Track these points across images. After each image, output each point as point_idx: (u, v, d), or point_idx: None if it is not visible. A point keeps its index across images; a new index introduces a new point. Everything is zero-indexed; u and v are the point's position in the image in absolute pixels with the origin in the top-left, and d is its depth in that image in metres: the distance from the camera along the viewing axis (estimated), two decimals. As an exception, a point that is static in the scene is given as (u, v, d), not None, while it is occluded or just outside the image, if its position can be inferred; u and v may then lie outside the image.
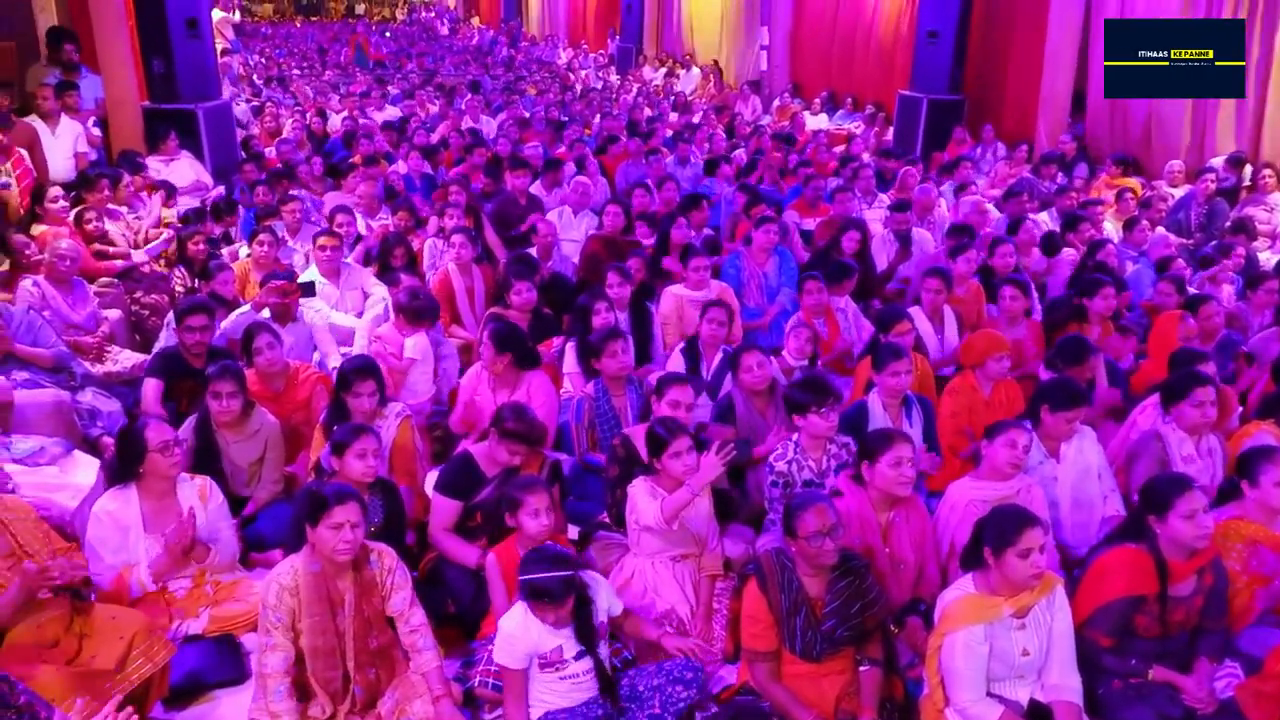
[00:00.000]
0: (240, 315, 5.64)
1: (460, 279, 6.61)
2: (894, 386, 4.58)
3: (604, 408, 4.86)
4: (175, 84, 9.56)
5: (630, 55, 21.16)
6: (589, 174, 9.18)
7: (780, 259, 6.95)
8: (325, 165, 9.93)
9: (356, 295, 6.53)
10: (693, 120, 13.89)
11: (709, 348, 5.43)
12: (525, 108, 14.27)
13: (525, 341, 5.13)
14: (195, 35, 9.58)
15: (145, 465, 3.77)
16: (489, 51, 24.07)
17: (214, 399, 4.42)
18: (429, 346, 5.47)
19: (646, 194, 8.34)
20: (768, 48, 17.23)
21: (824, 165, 10.54)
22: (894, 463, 3.68)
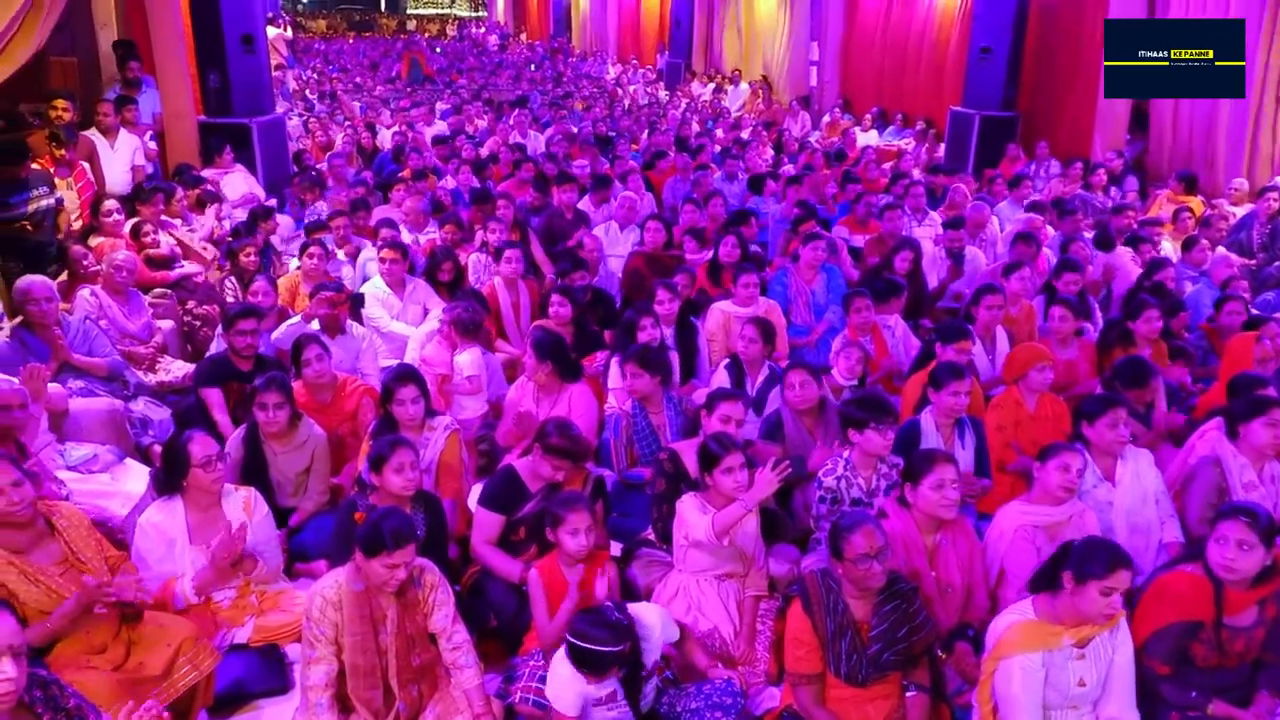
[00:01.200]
0: (290, 326, 5.74)
1: (506, 294, 6.66)
2: (951, 406, 4.53)
3: (641, 425, 4.86)
4: (230, 98, 9.77)
5: (679, 70, 21.24)
6: (634, 189, 9.22)
7: (828, 276, 6.91)
8: (375, 179, 10.10)
9: (418, 310, 6.61)
10: (741, 136, 13.89)
11: (750, 365, 5.41)
12: (573, 123, 14.37)
13: (566, 351, 5.15)
14: (250, 51, 9.79)
15: (189, 479, 3.82)
16: (539, 67, 24.29)
17: (260, 410, 4.50)
18: (482, 362, 5.51)
19: (695, 210, 8.35)
20: (818, 63, 17.21)
21: (874, 182, 10.48)
22: (936, 485, 3.64)
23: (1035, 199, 9.41)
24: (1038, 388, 4.86)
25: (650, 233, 7.47)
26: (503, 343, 6.56)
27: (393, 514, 3.30)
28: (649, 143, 12.75)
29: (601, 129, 13.78)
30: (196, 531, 3.86)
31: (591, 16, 28.60)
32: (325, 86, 18.70)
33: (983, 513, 4.47)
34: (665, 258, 7.38)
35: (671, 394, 4.97)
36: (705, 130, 14.43)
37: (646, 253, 7.44)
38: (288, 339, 5.47)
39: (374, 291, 6.52)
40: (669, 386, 5.01)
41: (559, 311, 5.93)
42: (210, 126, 9.77)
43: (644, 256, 7.42)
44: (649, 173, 10.63)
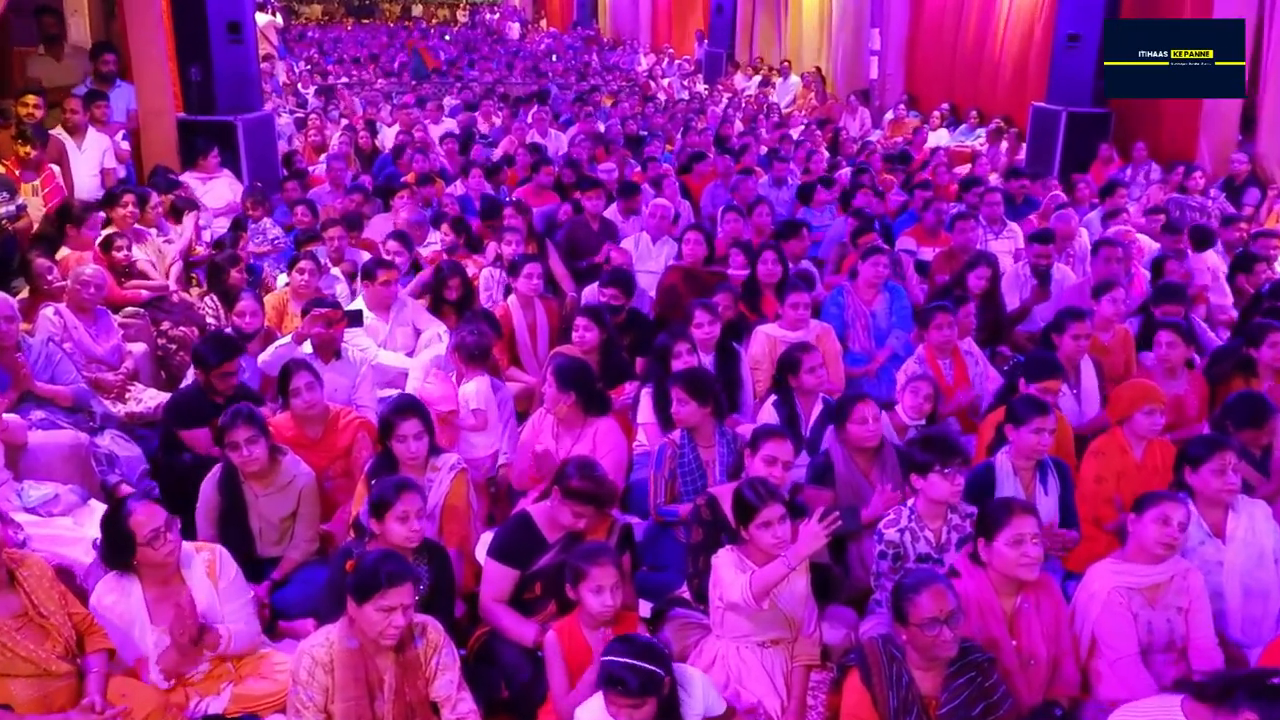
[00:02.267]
0: (279, 349, 5.78)
1: (522, 314, 6.69)
2: (1033, 446, 4.49)
3: (689, 459, 4.84)
4: (213, 93, 9.89)
5: (720, 62, 21.36)
6: (668, 195, 9.26)
7: (891, 296, 6.90)
8: (375, 184, 10.20)
9: (407, 332, 6.66)
10: (791, 135, 13.93)
11: (807, 397, 5.39)
12: (599, 121, 14.48)
13: (593, 380, 5.16)
14: (237, 40, 9.93)
15: (137, 556, 3.74)
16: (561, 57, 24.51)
17: (233, 451, 4.50)
18: (490, 393, 5.53)
19: (738, 219, 8.36)
20: (879, 53, 17.25)
21: (944, 188, 10.46)
22: (1014, 540, 3.61)
23: (1129, 207, 9.36)
24: (1146, 433, 4.77)
25: (689, 245, 7.48)
26: (516, 371, 6.59)
27: (389, 555, 3.32)
28: (685, 143, 12.82)
29: (632, 128, 13.87)
30: (157, 609, 3.77)
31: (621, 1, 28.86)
32: (320, 80, 18.98)
33: (1071, 571, 4.41)
34: (705, 275, 7.39)
35: (725, 428, 4.97)
36: (749, 129, 14.49)
37: (684, 268, 7.47)
38: (275, 364, 5.52)
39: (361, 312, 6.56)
40: (722, 419, 4.99)
41: (585, 336, 5.94)
42: (191, 125, 9.89)
43: (681, 273, 7.44)
44: (685, 177, 10.69)
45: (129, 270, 7.09)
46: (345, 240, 7.86)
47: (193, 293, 7.56)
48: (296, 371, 5.03)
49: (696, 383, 4.86)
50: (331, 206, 9.19)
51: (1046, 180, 10.50)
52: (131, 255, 7.13)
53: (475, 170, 10.14)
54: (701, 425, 4.87)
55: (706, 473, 4.82)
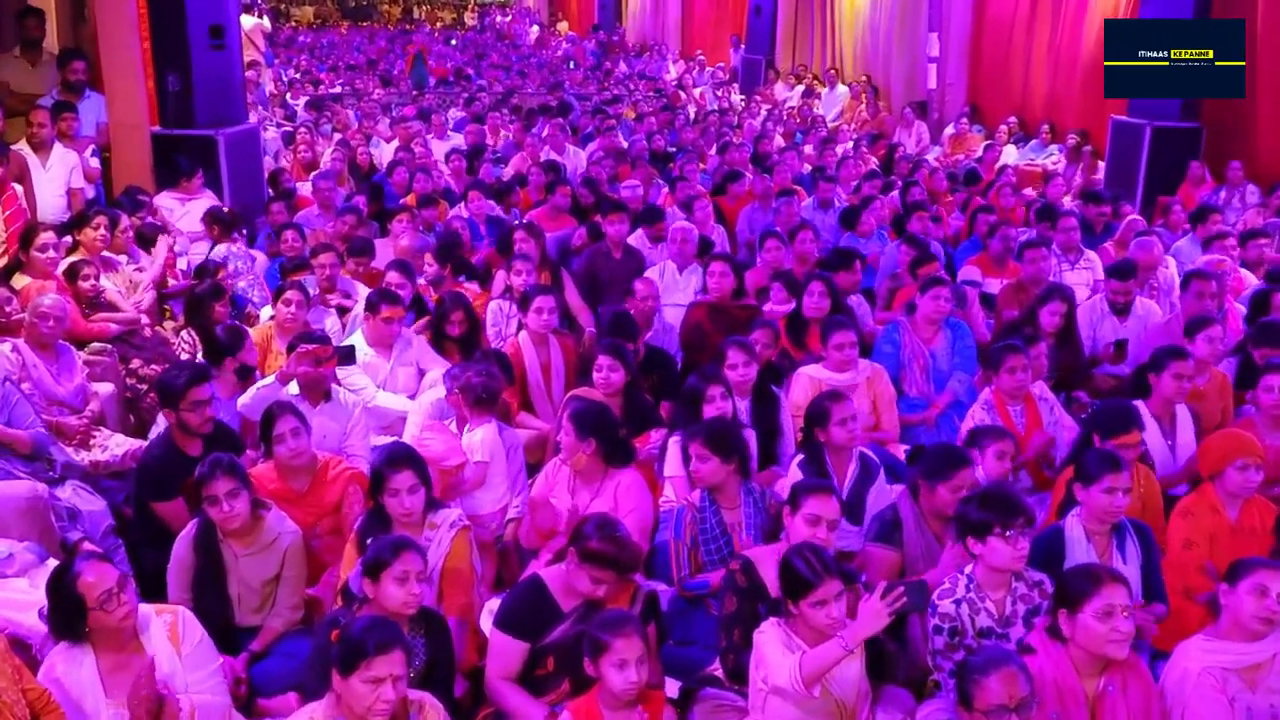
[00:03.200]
0: (261, 390, 5.80)
1: (534, 352, 6.71)
2: (1105, 508, 4.44)
3: (711, 523, 4.82)
4: (192, 105, 10.01)
5: (758, 69, 21.48)
6: (700, 219, 9.28)
7: (953, 334, 6.88)
8: (371, 206, 10.26)
9: (410, 373, 6.69)
10: (838, 152, 13.97)
11: (839, 454, 5.29)
12: (622, 135, 14.56)
13: (615, 427, 5.16)
14: (220, 45, 10.06)
15: (89, 622, 3.74)
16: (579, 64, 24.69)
17: (211, 506, 4.51)
18: (499, 442, 5.53)
19: (779, 246, 8.38)
20: (938, 60, 17.32)
21: (1011, 211, 10.45)
22: (1103, 613, 3.57)
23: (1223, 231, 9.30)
24: (1240, 491, 4.73)
25: (714, 278, 7.47)
26: (527, 416, 6.60)
27: (379, 621, 3.32)
28: (719, 161, 12.88)
29: (659, 143, 13.96)
30: (112, 681, 3.75)
31: (648, 1, 29.08)
32: (312, 89, 19.19)
33: (1159, 650, 4.36)
34: (735, 309, 7.40)
35: (751, 485, 4.94)
36: (792, 145, 14.55)
37: (709, 304, 7.48)
38: (257, 406, 5.55)
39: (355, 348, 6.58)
40: (748, 475, 4.98)
41: (609, 378, 5.95)
42: (167, 140, 9.99)
43: (705, 309, 7.45)
44: (719, 199, 10.72)
45: (97, 301, 7.14)
46: (337, 268, 7.88)
47: (167, 327, 7.61)
48: (281, 415, 5.05)
49: (718, 436, 4.83)
50: (321, 231, 9.27)
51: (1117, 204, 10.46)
52: (100, 285, 7.19)
53: (476, 192, 10.19)
54: (725, 484, 4.85)
55: (731, 537, 4.80)
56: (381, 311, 6.58)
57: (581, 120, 16.06)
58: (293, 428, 5.02)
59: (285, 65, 23.18)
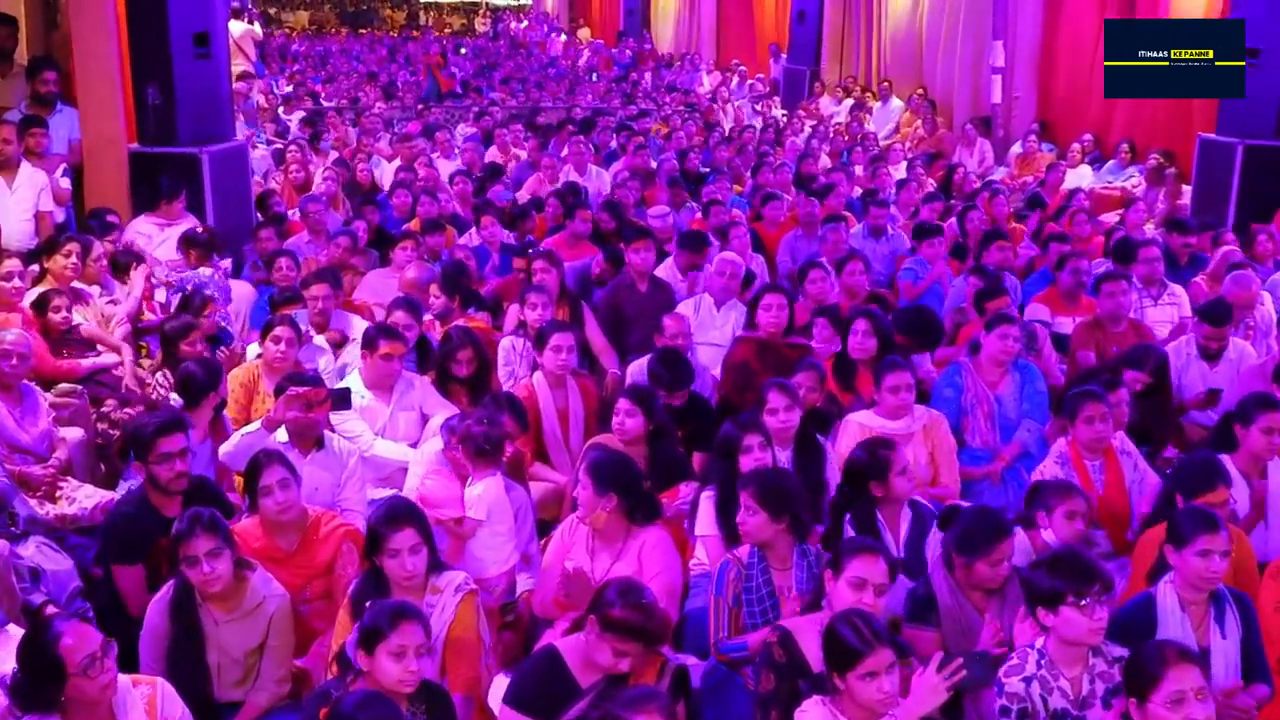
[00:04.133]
0: (245, 438, 5.82)
1: (550, 396, 6.72)
2: (1201, 573, 4.40)
3: (758, 583, 4.80)
4: (174, 120, 10.08)
5: (802, 81, 21.58)
6: (737, 248, 9.29)
7: (1022, 377, 6.86)
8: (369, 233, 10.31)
9: (412, 418, 6.67)
10: (892, 173, 13.98)
11: (892, 507, 5.29)
12: (650, 154, 14.60)
13: (639, 480, 5.16)
14: (205, 54, 10.14)
15: (67, 691, 3.73)
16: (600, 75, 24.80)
17: (190, 567, 4.52)
18: (503, 499, 5.51)
19: (825, 278, 8.36)
20: (1003, 70, 17.32)
21: (1087, 240, 10.42)
22: (1173, 700, 3.55)
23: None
24: None
25: (768, 311, 7.42)
26: (543, 467, 6.60)
27: (373, 699, 3.31)
28: (758, 183, 12.92)
29: (692, 163, 14.03)
30: None
31: (680, 6, 29.24)
32: (310, 103, 19.32)
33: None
34: (784, 348, 7.38)
35: (807, 547, 4.92)
36: (840, 165, 14.57)
37: (758, 340, 7.46)
38: (240, 457, 5.57)
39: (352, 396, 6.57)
40: (804, 536, 4.95)
41: (628, 424, 5.95)
42: (146, 158, 10.07)
43: (754, 346, 7.43)
44: (757, 225, 10.76)
45: (68, 337, 7.19)
46: (330, 300, 7.90)
47: (145, 366, 7.64)
48: (268, 465, 5.06)
49: (770, 488, 4.80)
50: (313, 259, 9.29)
51: (1218, 232, 10.42)
52: (71, 318, 7.24)
53: (490, 216, 10.21)
54: (775, 542, 4.83)
55: (780, 600, 4.77)
56: (380, 348, 6.57)
57: (605, 137, 16.14)
58: (281, 479, 5.02)
59: (277, 76, 23.38)
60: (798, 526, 4.86)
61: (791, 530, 4.83)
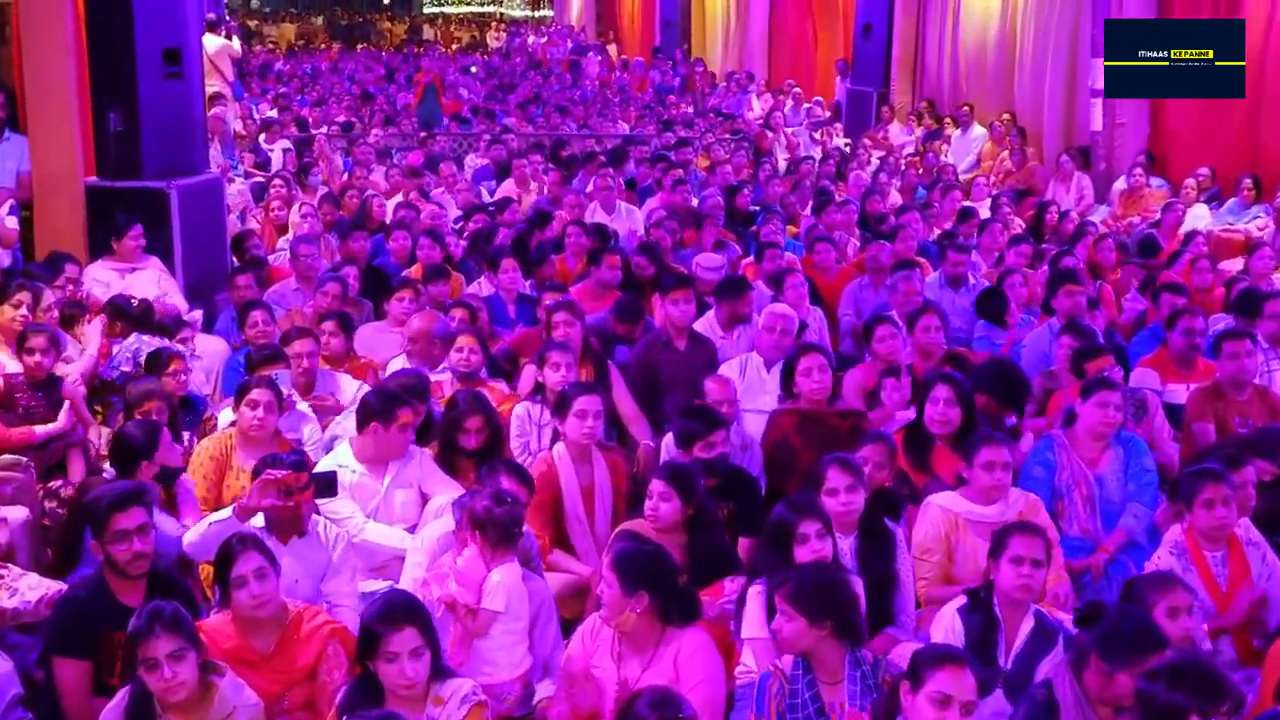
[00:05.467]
0: (214, 525, 5.82)
1: (574, 472, 6.72)
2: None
3: (803, 699, 4.79)
4: (139, 149, 10.13)
5: (868, 104, 21.59)
6: (791, 298, 9.28)
7: (1126, 453, 6.84)
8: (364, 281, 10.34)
9: (410, 497, 6.67)
10: (973, 211, 13.95)
11: (1015, 606, 5.28)
12: (691, 190, 14.63)
13: (673, 575, 5.15)
14: (176, 74, 10.23)
15: None
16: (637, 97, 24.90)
17: (148, 671, 4.51)
18: (521, 590, 5.53)
19: (896, 334, 8.32)
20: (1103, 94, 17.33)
21: (1206, 292, 10.37)
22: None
23: None
24: None
25: (806, 376, 7.39)
26: (564, 556, 6.60)
27: None
28: (816, 222, 12.93)
29: (742, 200, 14.03)
30: None
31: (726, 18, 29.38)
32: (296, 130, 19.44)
33: None
34: (831, 418, 7.36)
35: (861, 655, 4.90)
36: (912, 203, 14.55)
37: (799, 410, 7.44)
38: (208, 546, 5.58)
39: (338, 471, 6.52)
40: (856, 642, 4.93)
41: (663, 509, 5.91)
42: (106, 193, 10.11)
43: (795, 417, 7.41)
44: (815, 272, 10.77)
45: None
46: (316, 359, 7.92)
47: (100, 435, 7.67)
48: (242, 552, 5.06)
49: (807, 587, 4.80)
50: (299, 312, 9.34)
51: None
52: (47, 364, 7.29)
53: (511, 260, 10.20)
54: (819, 650, 4.81)
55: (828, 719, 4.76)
56: (399, 416, 6.58)
57: (638, 170, 16.21)
58: (257, 568, 5.03)
59: (258, 98, 23.57)
60: (846, 631, 4.83)
61: (838, 636, 4.80)
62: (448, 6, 49.87)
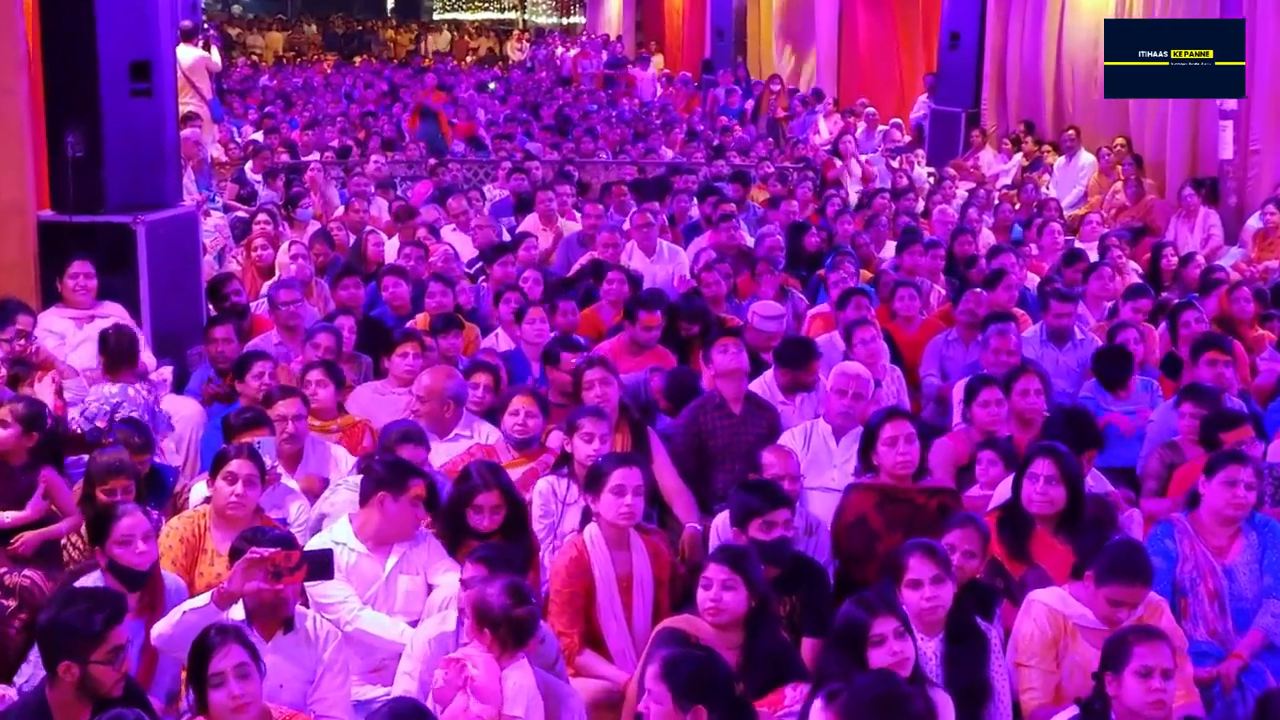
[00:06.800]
0: (187, 615, 5.80)
1: (608, 557, 6.70)
2: None
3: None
4: (101, 178, 10.20)
5: (955, 128, 21.55)
6: (864, 355, 9.28)
7: (1261, 540, 6.82)
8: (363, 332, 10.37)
9: (417, 586, 6.68)
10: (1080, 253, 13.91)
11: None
12: (747, 227, 14.64)
13: (729, 683, 5.14)
14: (145, 91, 10.29)
15: None
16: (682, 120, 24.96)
17: None
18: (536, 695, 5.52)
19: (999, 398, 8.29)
20: (1234, 115, 17.32)
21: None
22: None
23: None
24: None
25: (891, 447, 7.31)
26: (596, 658, 6.59)
27: None
28: (894, 263, 12.97)
29: (810, 241, 14.05)
30: None
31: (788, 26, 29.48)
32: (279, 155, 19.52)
33: None
34: (919, 495, 7.35)
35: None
36: (1009, 244, 14.53)
37: (879, 487, 7.42)
38: (182, 638, 5.60)
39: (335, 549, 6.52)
40: None
41: (726, 601, 5.87)
42: (62, 230, 10.18)
43: (874, 495, 7.38)
44: (893, 325, 10.80)
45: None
46: (304, 423, 7.95)
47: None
48: (221, 646, 5.08)
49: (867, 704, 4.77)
50: (284, 369, 9.36)
51: None
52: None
53: (538, 310, 10.19)
54: None
55: None
56: (411, 487, 6.61)
57: (683, 203, 16.25)
58: (238, 664, 5.04)
59: (240, 120, 23.73)
60: None
61: None
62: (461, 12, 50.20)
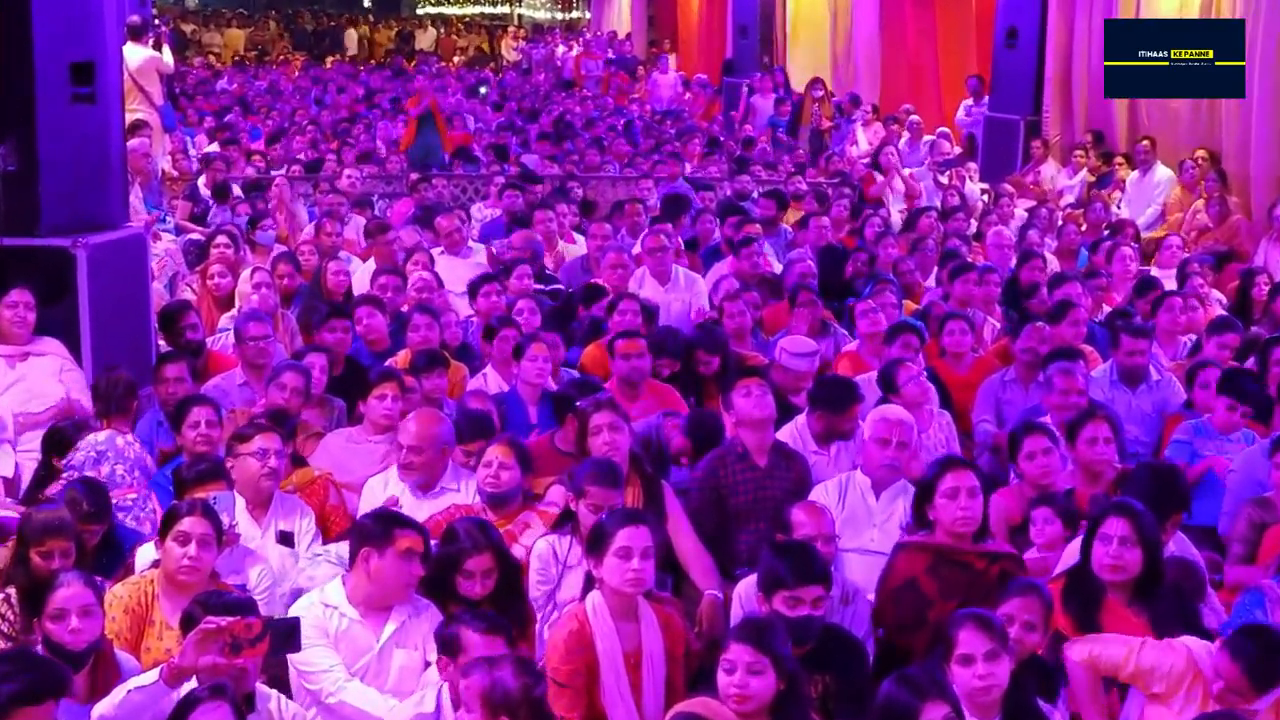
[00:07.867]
0: (133, 694, 5.83)
1: (613, 629, 6.70)
2: None
3: None
4: (36, 196, 10.22)
5: (1013, 138, 21.49)
6: (909, 398, 9.26)
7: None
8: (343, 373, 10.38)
9: (414, 662, 6.71)
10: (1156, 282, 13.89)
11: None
12: (775, 253, 14.63)
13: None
14: (86, 95, 10.32)
15: None
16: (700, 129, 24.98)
17: None
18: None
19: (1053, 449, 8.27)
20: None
21: None
22: None
23: None
24: None
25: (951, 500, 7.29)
26: (604, 747, 6.59)
27: None
28: (944, 293, 13.00)
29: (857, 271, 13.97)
30: None
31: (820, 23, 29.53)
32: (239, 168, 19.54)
33: None
34: (975, 559, 7.34)
35: None
36: (1075, 271, 14.49)
37: (933, 546, 7.41)
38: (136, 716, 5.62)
39: (316, 619, 6.60)
40: None
41: (754, 686, 5.84)
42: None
43: (927, 555, 7.39)
44: (941, 363, 10.83)
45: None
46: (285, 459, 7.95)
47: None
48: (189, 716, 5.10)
49: None
50: (243, 411, 9.40)
51: None
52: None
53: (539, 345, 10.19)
54: None
55: None
56: (400, 540, 6.61)
57: (704, 225, 16.23)
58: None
59: (195, 128, 23.77)
60: None
61: None
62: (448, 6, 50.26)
